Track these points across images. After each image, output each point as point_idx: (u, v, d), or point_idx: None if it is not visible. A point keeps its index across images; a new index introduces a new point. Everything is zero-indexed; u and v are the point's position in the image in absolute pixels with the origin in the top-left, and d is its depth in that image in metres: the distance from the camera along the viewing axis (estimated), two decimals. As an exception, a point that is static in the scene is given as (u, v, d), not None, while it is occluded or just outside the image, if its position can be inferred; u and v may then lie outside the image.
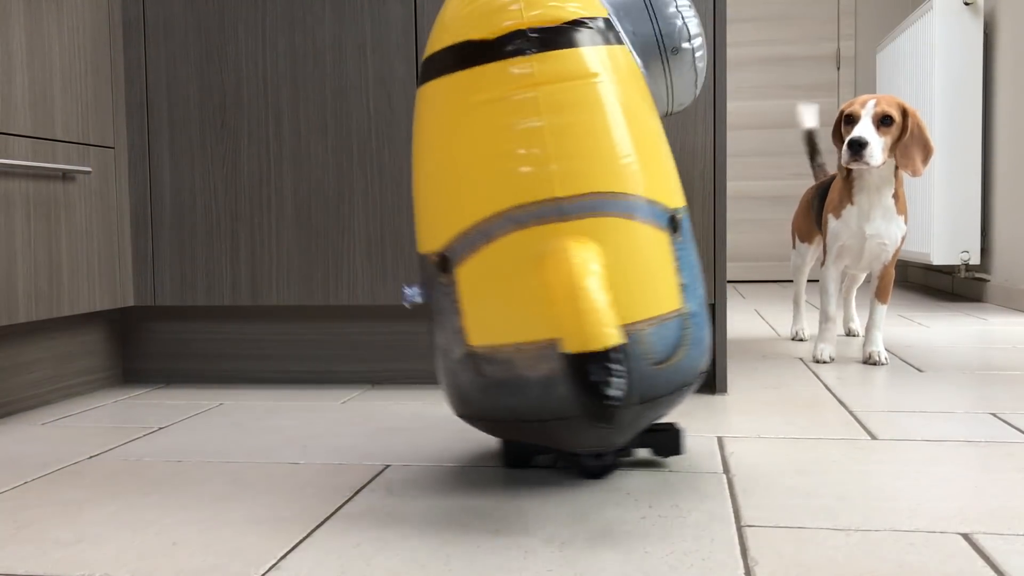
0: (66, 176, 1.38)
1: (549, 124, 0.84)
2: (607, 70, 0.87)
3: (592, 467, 0.95)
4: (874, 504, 0.85)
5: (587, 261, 0.81)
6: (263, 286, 1.50)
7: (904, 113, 1.66)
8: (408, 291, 0.95)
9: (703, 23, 1.37)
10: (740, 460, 1.02)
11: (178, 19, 1.50)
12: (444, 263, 0.88)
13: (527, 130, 0.84)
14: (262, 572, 0.71)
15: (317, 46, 1.47)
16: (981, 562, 0.71)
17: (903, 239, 1.73)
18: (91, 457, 1.08)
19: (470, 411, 0.91)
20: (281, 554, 0.75)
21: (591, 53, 0.86)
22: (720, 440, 1.12)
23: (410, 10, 1.44)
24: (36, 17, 1.32)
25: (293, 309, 1.56)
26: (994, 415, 1.24)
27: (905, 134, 1.65)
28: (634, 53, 0.94)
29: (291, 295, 1.50)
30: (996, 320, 2.44)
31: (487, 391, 0.87)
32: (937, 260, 3.00)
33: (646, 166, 0.87)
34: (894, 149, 1.66)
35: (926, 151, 1.66)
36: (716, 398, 1.38)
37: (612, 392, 0.78)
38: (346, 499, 0.90)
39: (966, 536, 0.76)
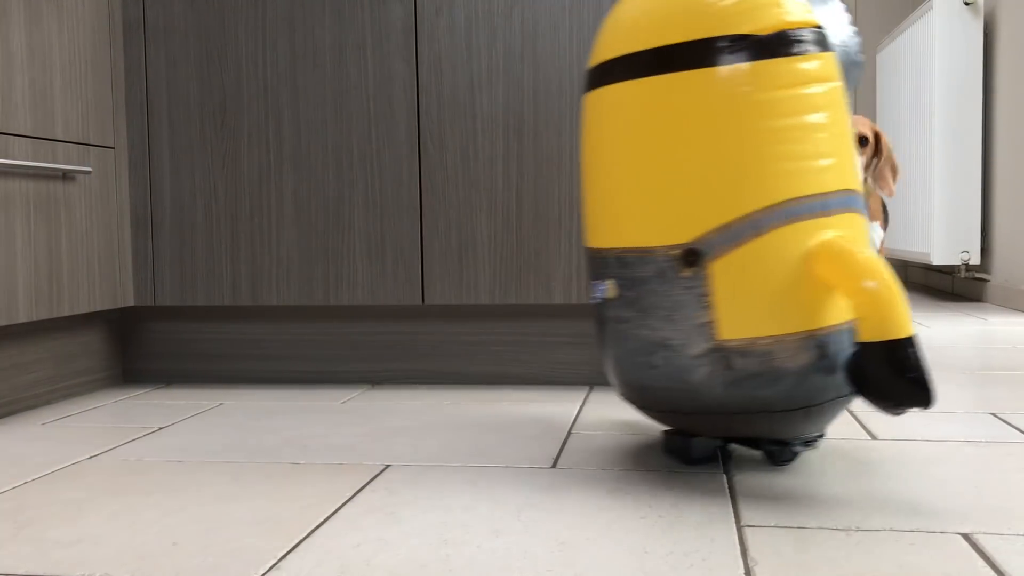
0: (66, 176, 1.38)
1: (815, 122, 0.89)
2: (840, 76, 0.94)
3: (795, 454, 0.98)
4: (874, 504, 0.85)
5: (874, 252, 0.85)
6: (263, 286, 1.50)
7: (876, 135, 1.71)
8: (599, 287, 0.97)
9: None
10: (740, 460, 1.02)
11: (178, 19, 1.50)
12: (691, 257, 0.89)
13: (798, 126, 0.88)
14: (262, 572, 0.71)
15: (317, 47, 1.47)
16: (981, 562, 0.71)
17: (883, 242, 1.80)
18: (91, 457, 1.08)
19: (696, 406, 0.92)
20: (281, 554, 0.75)
21: (834, 58, 0.93)
22: (720, 440, 1.12)
23: (410, 10, 1.44)
24: (36, 17, 1.32)
25: (293, 309, 1.56)
26: (994, 415, 1.24)
27: (879, 156, 1.71)
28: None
29: (291, 295, 1.50)
30: (996, 320, 2.44)
31: (734, 384, 0.88)
32: (937, 260, 3.00)
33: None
34: (867, 169, 1.73)
35: (894, 171, 1.75)
36: (716, 398, 1.38)
37: (926, 374, 0.81)
38: (346, 499, 0.90)
39: (966, 536, 0.76)
